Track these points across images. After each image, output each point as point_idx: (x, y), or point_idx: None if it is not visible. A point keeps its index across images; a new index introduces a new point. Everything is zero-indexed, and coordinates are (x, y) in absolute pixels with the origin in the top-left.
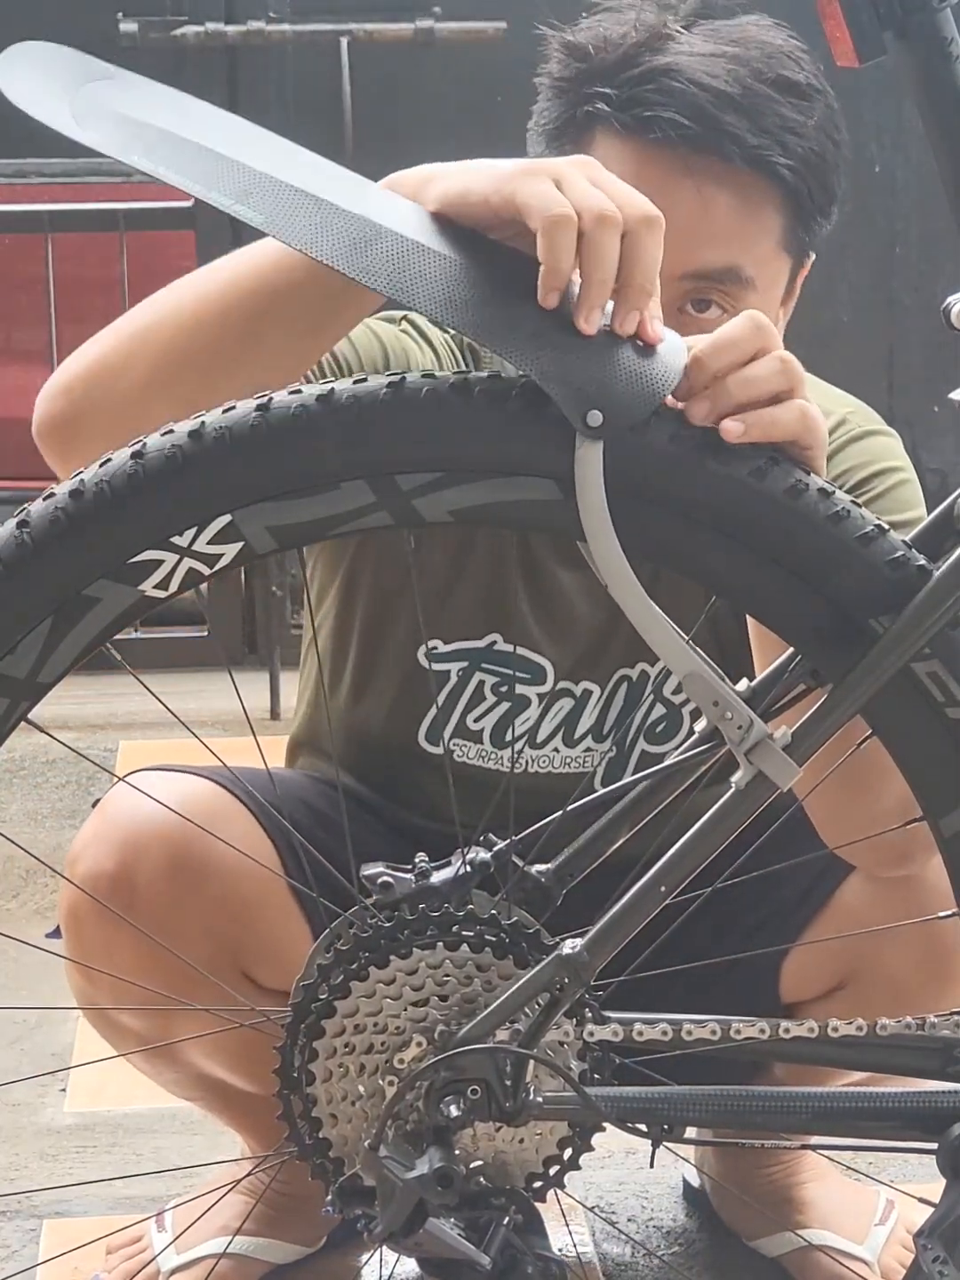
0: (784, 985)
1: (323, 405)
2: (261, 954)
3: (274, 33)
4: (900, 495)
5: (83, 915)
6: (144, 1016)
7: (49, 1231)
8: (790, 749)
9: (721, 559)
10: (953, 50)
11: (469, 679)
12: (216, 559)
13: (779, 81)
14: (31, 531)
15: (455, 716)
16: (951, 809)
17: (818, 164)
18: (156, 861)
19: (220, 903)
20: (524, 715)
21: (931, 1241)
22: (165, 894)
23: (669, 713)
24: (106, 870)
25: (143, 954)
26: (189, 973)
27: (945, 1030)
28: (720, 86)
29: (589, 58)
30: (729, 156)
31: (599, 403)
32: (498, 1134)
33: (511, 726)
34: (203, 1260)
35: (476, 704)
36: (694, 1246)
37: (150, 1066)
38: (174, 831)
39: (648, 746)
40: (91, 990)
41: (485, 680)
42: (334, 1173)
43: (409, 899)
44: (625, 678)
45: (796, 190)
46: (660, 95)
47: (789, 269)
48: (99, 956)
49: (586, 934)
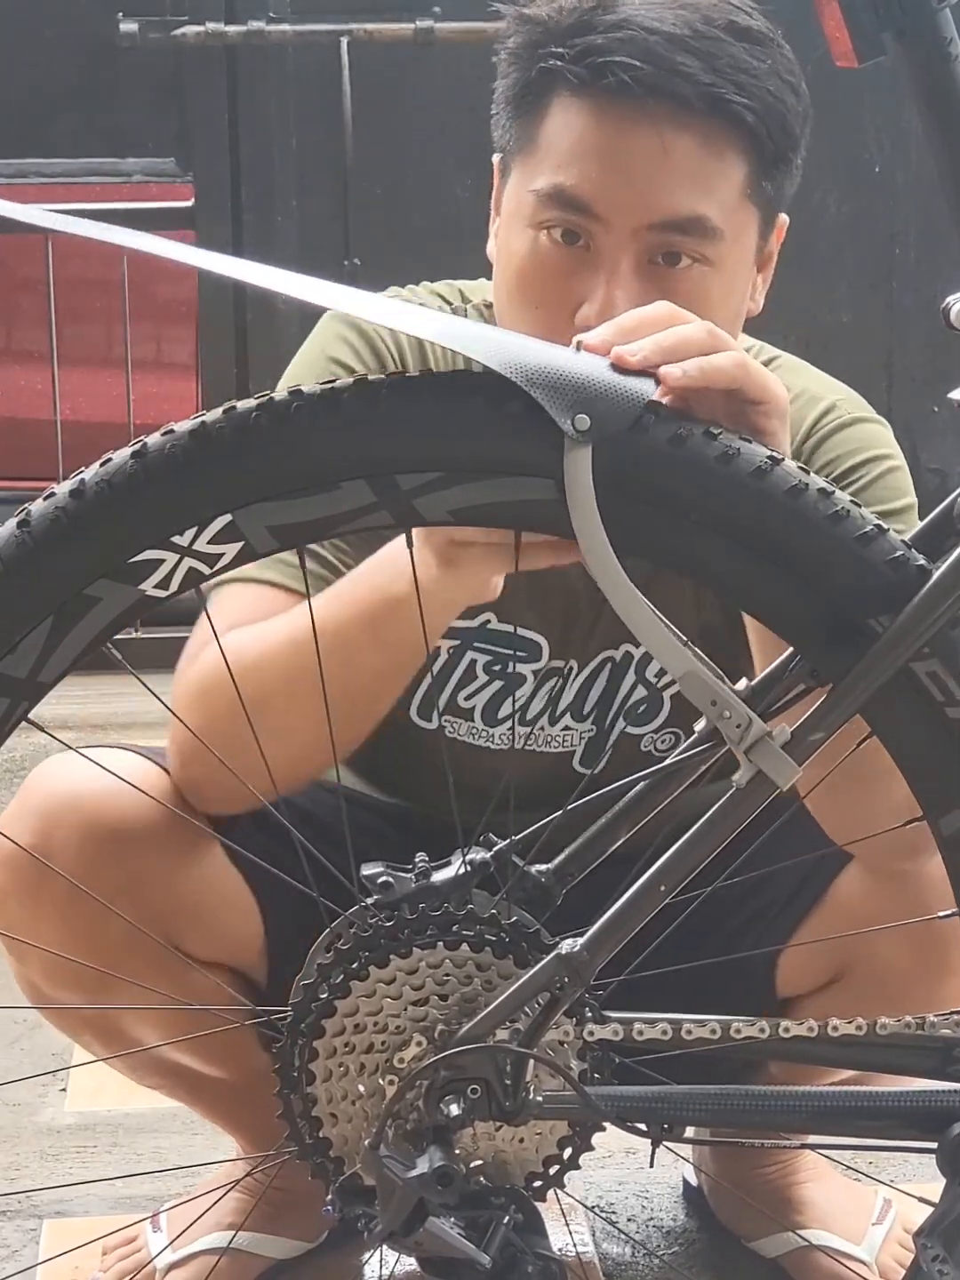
0: (780, 980)
1: (323, 404)
2: (192, 923)
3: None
4: (890, 483)
5: (3, 892)
6: (80, 994)
7: (49, 1231)
8: (790, 748)
9: (721, 559)
10: (952, 50)
11: (460, 657)
12: (217, 559)
13: (730, 27)
14: (32, 531)
15: (446, 694)
16: (951, 809)
17: (775, 105)
18: (69, 833)
19: (141, 872)
20: (519, 692)
21: (931, 1241)
22: (80, 865)
23: (649, 694)
24: (23, 844)
25: (66, 929)
26: (115, 946)
27: (945, 1030)
28: (671, 30)
29: (544, 23)
30: (685, 98)
31: (585, 407)
32: (498, 1133)
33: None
34: (199, 1255)
35: (468, 682)
36: (694, 1246)
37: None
38: (86, 802)
39: (628, 728)
40: (25, 970)
41: (477, 659)
42: (334, 1172)
43: (409, 898)
44: (609, 659)
45: (756, 133)
46: (613, 43)
47: (757, 223)
48: (24, 934)
49: (586, 933)
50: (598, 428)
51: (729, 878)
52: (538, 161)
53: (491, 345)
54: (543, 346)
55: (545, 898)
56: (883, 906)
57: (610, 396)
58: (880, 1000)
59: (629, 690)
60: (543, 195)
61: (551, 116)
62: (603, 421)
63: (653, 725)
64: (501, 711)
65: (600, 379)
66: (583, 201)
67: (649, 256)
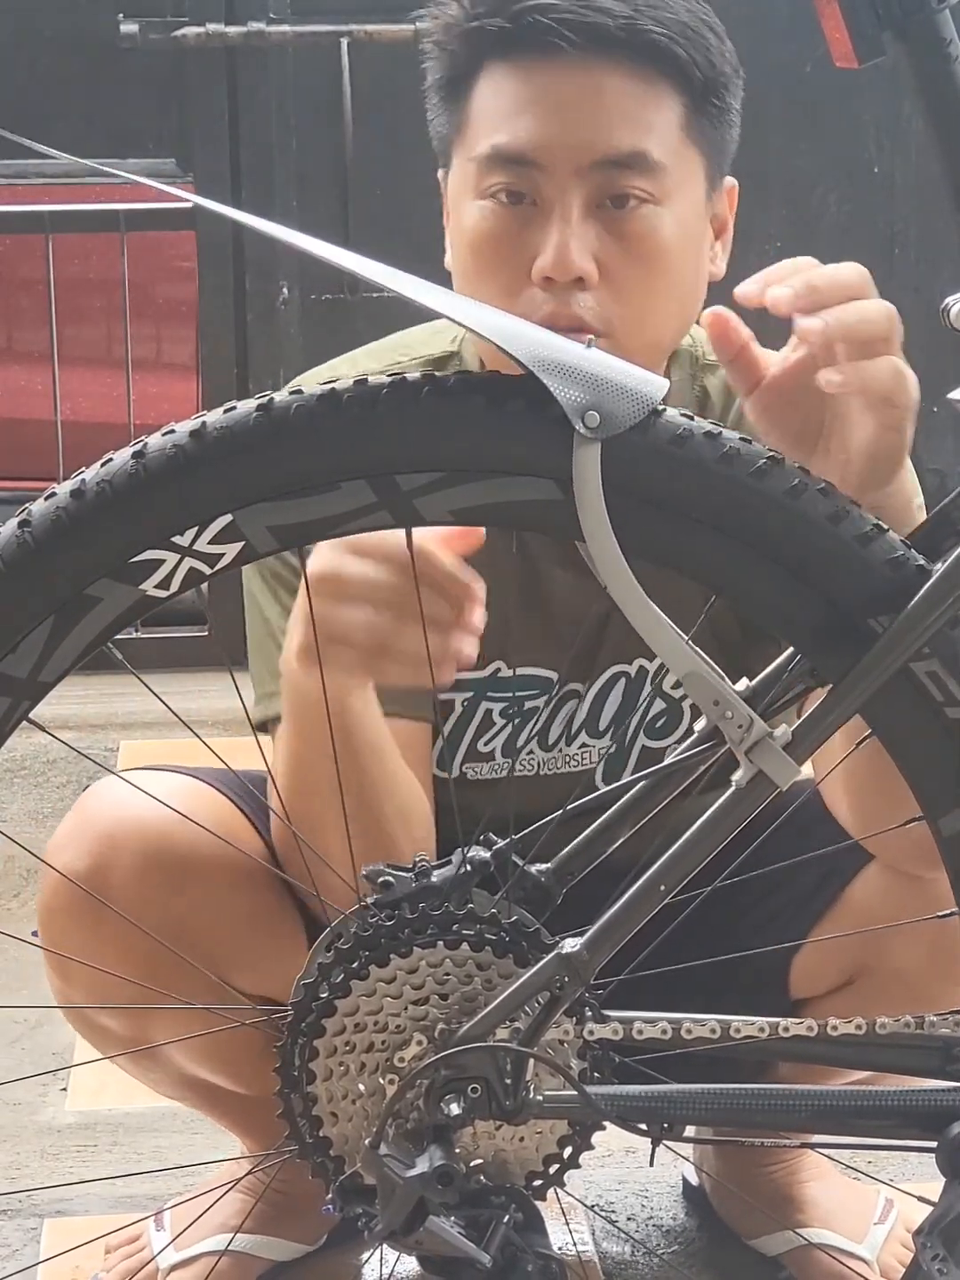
0: (794, 981)
1: (324, 405)
2: (242, 960)
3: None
4: None
5: (57, 912)
6: (121, 1019)
7: (50, 1230)
8: (790, 748)
9: (721, 559)
10: (952, 50)
11: (475, 708)
12: (217, 559)
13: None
14: (33, 531)
15: (465, 743)
16: (951, 809)
17: (696, 38)
18: (132, 859)
19: (200, 905)
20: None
21: (931, 1240)
22: (140, 893)
23: (669, 708)
24: (81, 867)
25: (117, 954)
26: (163, 974)
27: (944, 1029)
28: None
29: (463, 6)
30: (606, 32)
31: (595, 404)
32: (498, 1132)
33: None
34: (201, 1257)
35: (486, 730)
36: (694, 1245)
37: (135, 1068)
38: (151, 828)
39: (648, 742)
40: (68, 990)
41: (493, 708)
42: (334, 1171)
43: (409, 898)
44: (621, 674)
45: (681, 63)
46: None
47: (702, 169)
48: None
49: (586, 933)
50: (607, 426)
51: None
52: (474, 134)
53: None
54: (556, 339)
55: (545, 897)
56: (898, 909)
57: (619, 395)
58: (894, 1003)
59: (647, 705)
60: (483, 160)
61: (480, 88)
62: (612, 420)
63: (674, 738)
64: (520, 742)
65: (609, 377)
66: (522, 154)
67: (596, 201)
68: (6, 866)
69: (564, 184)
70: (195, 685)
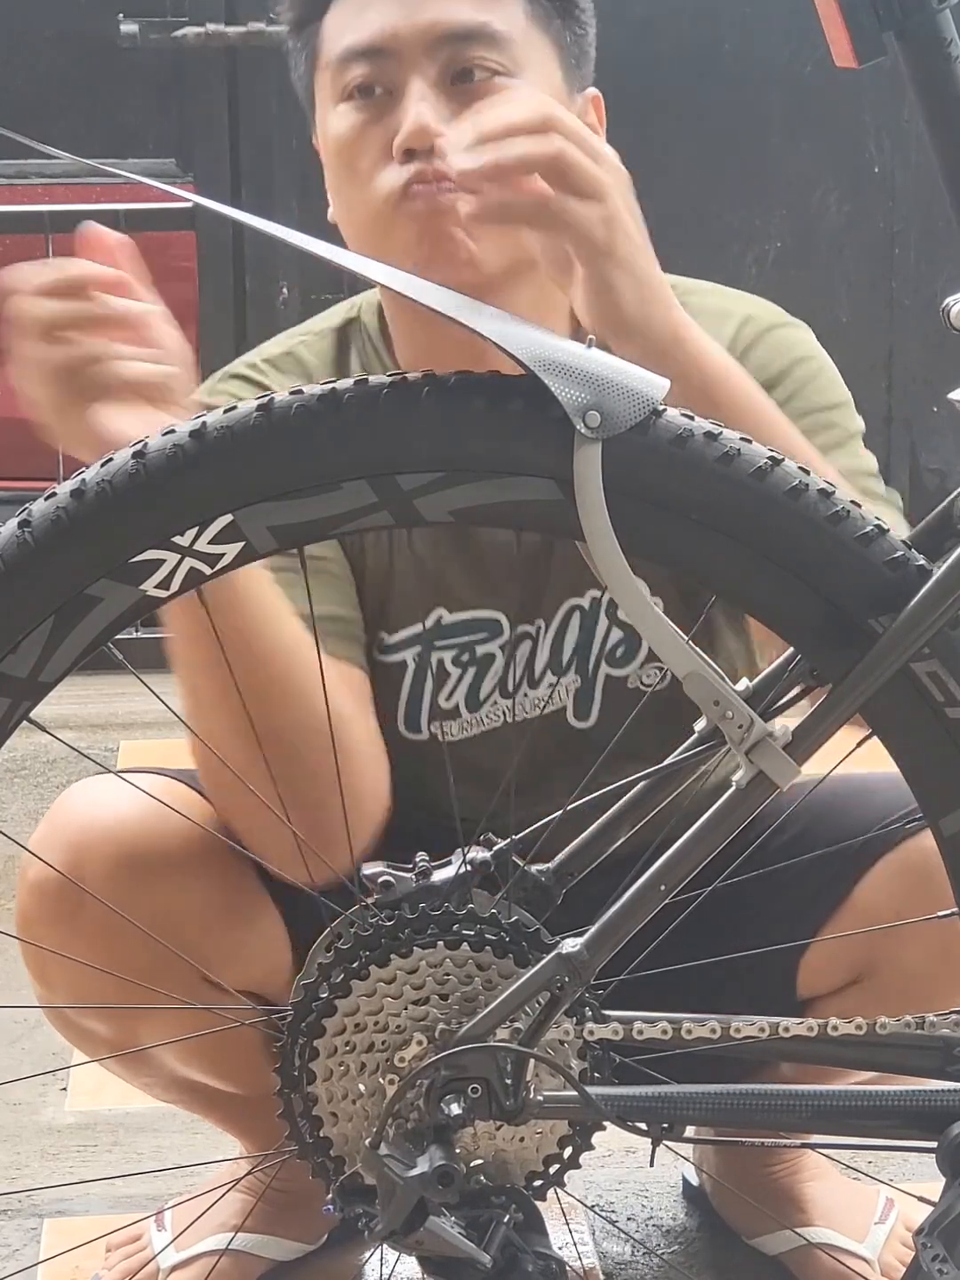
0: (801, 981)
1: (324, 405)
2: (222, 955)
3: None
4: (822, 384)
5: (34, 919)
6: (106, 1021)
7: (50, 1230)
8: (790, 748)
9: (721, 559)
10: (952, 50)
11: (426, 661)
12: (218, 559)
13: None
14: (33, 531)
15: (425, 701)
16: (951, 809)
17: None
18: (103, 862)
19: (175, 902)
20: (491, 671)
21: (931, 1240)
22: (112, 895)
23: (626, 635)
24: (53, 875)
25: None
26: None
27: (945, 1029)
28: None
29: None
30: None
31: (596, 404)
32: (498, 1132)
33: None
34: (202, 1257)
35: (442, 682)
36: (694, 1245)
37: (126, 1071)
38: (122, 830)
39: (610, 671)
40: (50, 995)
41: (444, 657)
42: (334, 1171)
43: (409, 898)
44: (575, 607)
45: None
46: None
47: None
48: (53, 961)
49: (586, 933)
50: (608, 426)
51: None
52: (328, 50)
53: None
54: (555, 340)
55: (545, 897)
56: (906, 907)
57: (620, 395)
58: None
59: (605, 634)
60: (335, 62)
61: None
62: (612, 420)
63: (636, 663)
64: (482, 693)
65: (610, 377)
66: (370, 45)
67: (448, 77)
68: (6, 867)
69: (412, 64)
70: None
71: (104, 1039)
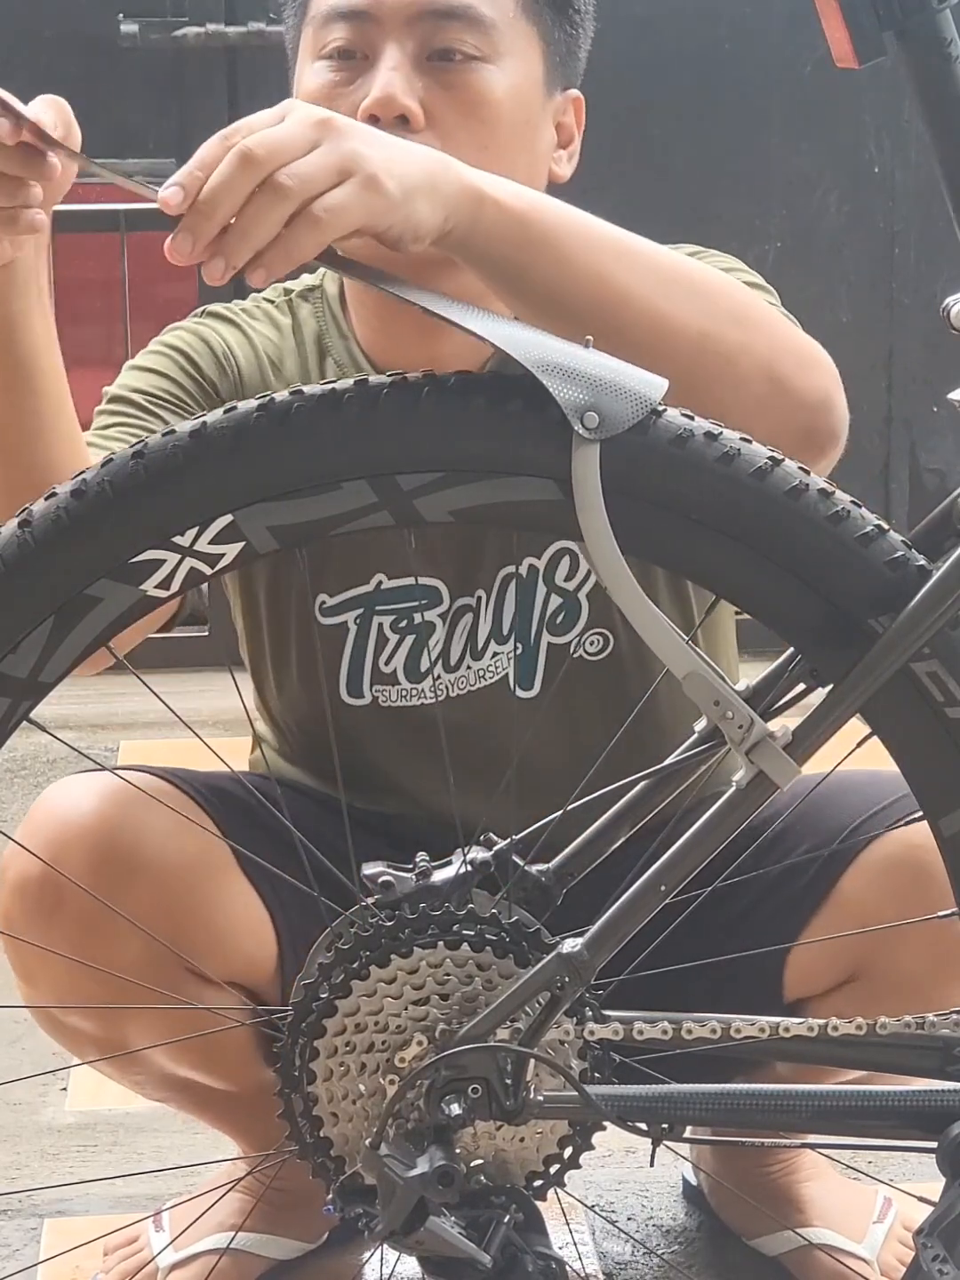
0: (788, 981)
1: (324, 405)
2: (206, 946)
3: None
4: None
5: (15, 920)
6: (93, 1020)
7: (50, 1230)
8: (790, 748)
9: (721, 559)
10: (952, 50)
11: (368, 624)
12: (218, 559)
13: None
14: (33, 531)
15: (368, 665)
16: (951, 809)
17: None
18: (80, 859)
19: (154, 895)
20: (434, 640)
21: (931, 1240)
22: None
23: (565, 601)
24: (33, 874)
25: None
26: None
27: (944, 1029)
28: None
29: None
30: None
31: (595, 405)
32: (498, 1132)
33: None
34: (200, 1256)
35: (382, 647)
36: (694, 1245)
37: (117, 1071)
38: (97, 827)
39: (552, 639)
40: (35, 995)
41: (383, 621)
42: (335, 1171)
43: (410, 898)
44: (512, 575)
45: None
46: None
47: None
48: (36, 961)
49: (586, 933)
50: (606, 426)
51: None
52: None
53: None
54: (555, 341)
55: (545, 897)
56: (894, 902)
57: (618, 395)
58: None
59: (544, 601)
60: (319, 20)
61: None
62: (611, 420)
63: (576, 630)
64: (423, 665)
65: (608, 378)
66: (353, 8)
67: (425, 52)
68: None
69: (393, 32)
70: (195, 685)
71: (91, 1037)
